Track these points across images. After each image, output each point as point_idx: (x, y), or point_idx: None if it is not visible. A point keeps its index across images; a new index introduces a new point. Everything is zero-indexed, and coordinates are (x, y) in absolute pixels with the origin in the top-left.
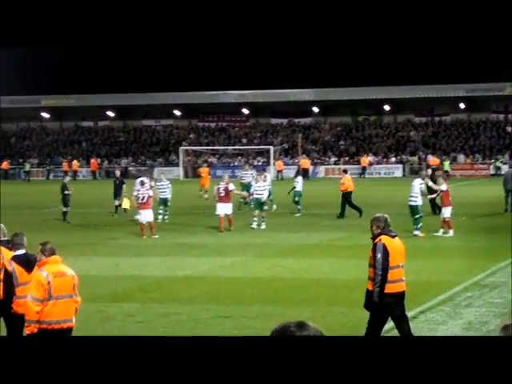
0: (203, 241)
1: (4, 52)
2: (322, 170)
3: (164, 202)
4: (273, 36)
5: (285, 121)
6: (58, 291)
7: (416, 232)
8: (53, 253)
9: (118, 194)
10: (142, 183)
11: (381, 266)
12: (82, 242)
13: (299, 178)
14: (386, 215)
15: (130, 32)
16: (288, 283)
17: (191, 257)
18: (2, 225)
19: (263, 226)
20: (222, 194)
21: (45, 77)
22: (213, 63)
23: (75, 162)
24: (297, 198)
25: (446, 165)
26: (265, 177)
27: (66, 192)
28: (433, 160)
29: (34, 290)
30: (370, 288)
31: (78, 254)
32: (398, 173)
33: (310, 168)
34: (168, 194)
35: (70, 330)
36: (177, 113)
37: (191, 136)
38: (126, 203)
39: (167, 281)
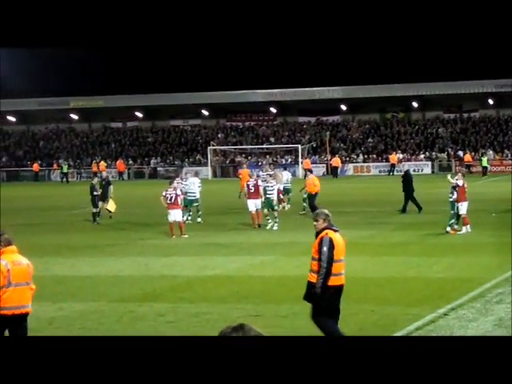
0: (232, 240)
1: (32, 53)
2: (350, 167)
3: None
4: (300, 34)
5: (313, 119)
6: (17, 279)
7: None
8: (9, 243)
9: (105, 196)
10: (171, 183)
11: (326, 259)
12: (112, 243)
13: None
14: (325, 210)
15: (158, 33)
16: None
17: (221, 256)
18: None
19: (275, 227)
20: (252, 191)
21: (73, 78)
22: (240, 62)
23: (102, 163)
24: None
25: (484, 161)
26: (273, 176)
27: (95, 193)
28: (467, 157)
29: None
30: (312, 280)
31: (107, 254)
32: (427, 170)
33: (339, 166)
34: (197, 194)
35: (27, 315)
36: (205, 112)
37: (219, 136)
38: (111, 206)
39: (197, 280)
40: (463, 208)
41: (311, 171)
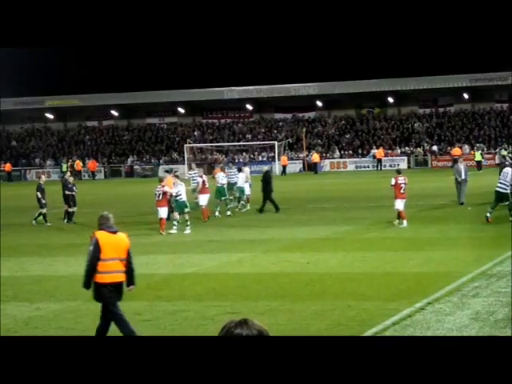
0: (209, 237)
1: (7, 53)
2: (327, 163)
3: (180, 206)
4: (274, 31)
5: (289, 115)
6: None
7: None
8: None
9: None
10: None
11: (89, 258)
12: (88, 242)
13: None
14: (108, 213)
15: (132, 30)
16: (295, 278)
17: (197, 254)
18: None
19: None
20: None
21: (48, 78)
22: (215, 60)
23: (78, 161)
24: (238, 194)
25: (478, 155)
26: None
27: (67, 192)
28: (455, 150)
29: None
30: (97, 281)
31: (85, 253)
32: (404, 165)
33: (319, 162)
34: (183, 197)
35: None
36: (181, 110)
37: (196, 133)
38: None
39: (174, 278)
40: (400, 204)
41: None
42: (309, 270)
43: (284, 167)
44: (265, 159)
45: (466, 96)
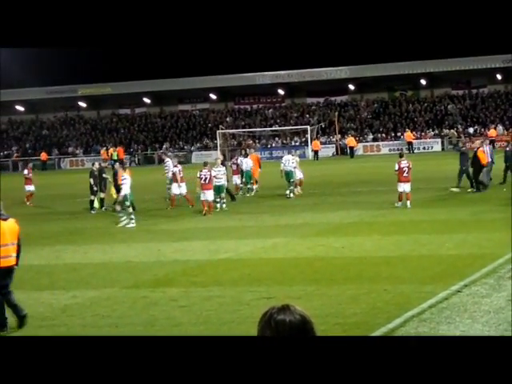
0: (243, 223)
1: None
2: (360, 147)
3: (219, 189)
4: (306, 15)
5: (321, 100)
6: None
7: None
8: None
9: (102, 185)
10: (206, 164)
11: None
12: (124, 230)
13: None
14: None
15: (163, 17)
16: (330, 262)
17: (232, 239)
18: None
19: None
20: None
21: (81, 66)
22: (246, 45)
23: (111, 149)
24: (245, 180)
25: None
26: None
27: (91, 180)
28: (491, 132)
29: None
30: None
31: (119, 240)
32: (437, 147)
33: (356, 146)
34: (224, 181)
35: None
36: (213, 96)
37: (228, 119)
38: (114, 193)
39: (209, 264)
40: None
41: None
42: (343, 254)
43: (316, 152)
44: (297, 144)
45: (499, 77)
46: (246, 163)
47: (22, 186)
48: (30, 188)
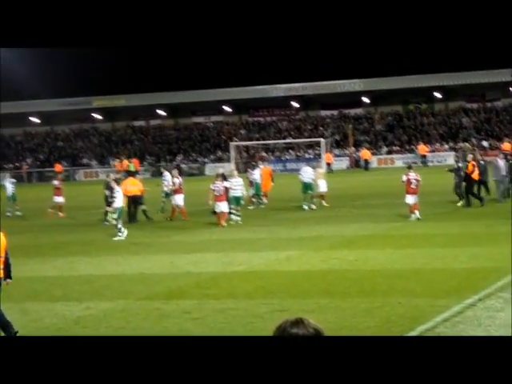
0: (257, 235)
1: (54, 54)
2: (374, 160)
3: (237, 200)
4: (319, 28)
5: (335, 112)
6: None
7: None
8: None
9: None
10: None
11: None
12: (137, 241)
13: (256, 171)
14: None
15: (177, 30)
16: (343, 275)
17: (246, 252)
18: None
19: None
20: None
21: (95, 78)
22: (260, 58)
23: (126, 161)
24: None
25: None
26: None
27: (107, 192)
28: (505, 145)
29: None
30: None
31: (133, 252)
32: (451, 160)
33: (370, 159)
34: (240, 193)
35: None
36: (227, 109)
37: (242, 132)
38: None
39: (223, 276)
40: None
41: (134, 174)
42: (357, 267)
43: (328, 164)
44: (311, 156)
45: None
46: (255, 175)
47: (40, 196)
48: (59, 199)
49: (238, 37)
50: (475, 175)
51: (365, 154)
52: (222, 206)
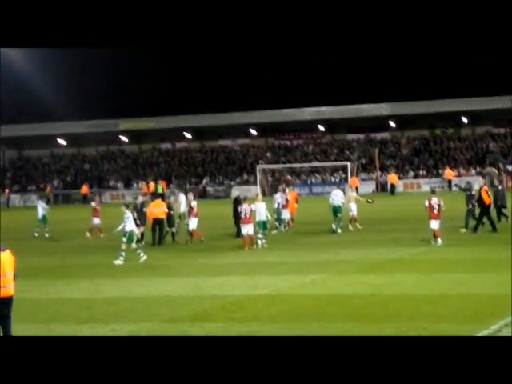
0: (282, 259)
1: (82, 77)
2: (400, 184)
3: (263, 224)
4: (347, 52)
5: (361, 136)
6: None
7: None
8: None
9: (142, 220)
10: (241, 201)
11: None
12: (162, 263)
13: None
14: None
15: (205, 53)
16: (369, 300)
17: (271, 275)
18: None
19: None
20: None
21: (123, 100)
22: (287, 81)
23: (152, 183)
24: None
25: None
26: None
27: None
28: None
29: None
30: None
31: (158, 274)
32: (478, 186)
33: (397, 183)
34: (265, 217)
35: None
36: (253, 132)
37: (268, 154)
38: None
39: (248, 300)
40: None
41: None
42: (383, 292)
43: (355, 188)
44: (337, 180)
45: None
46: (277, 200)
47: (66, 217)
48: (97, 221)
49: (266, 60)
50: (487, 200)
51: (392, 178)
52: (248, 229)
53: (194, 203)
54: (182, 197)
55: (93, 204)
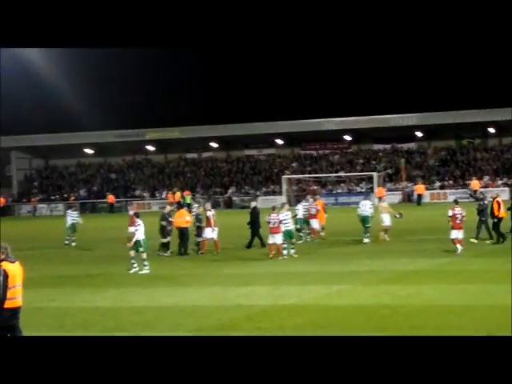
0: (307, 269)
1: (109, 88)
2: (427, 194)
3: (289, 234)
4: (374, 62)
5: (388, 146)
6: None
7: None
8: None
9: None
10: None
11: (1, 288)
12: (188, 273)
13: (299, 206)
14: (6, 244)
15: (231, 64)
16: (395, 310)
17: (296, 285)
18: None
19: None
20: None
21: (149, 110)
22: (313, 91)
23: (178, 193)
24: (298, 226)
25: None
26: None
27: (163, 223)
28: None
29: None
30: (6, 307)
31: (184, 284)
32: (505, 196)
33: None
34: (291, 226)
35: None
36: (279, 142)
37: (293, 164)
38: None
39: (273, 310)
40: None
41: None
42: (409, 303)
43: (380, 198)
44: (363, 190)
45: None
46: (299, 210)
47: (92, 226)
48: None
49: (293, 71)
50: (495, 211)
51: (419, 188)
52: (276, 238)
53: (209, 213)
54: (196, 206)
55: (130, 212)
